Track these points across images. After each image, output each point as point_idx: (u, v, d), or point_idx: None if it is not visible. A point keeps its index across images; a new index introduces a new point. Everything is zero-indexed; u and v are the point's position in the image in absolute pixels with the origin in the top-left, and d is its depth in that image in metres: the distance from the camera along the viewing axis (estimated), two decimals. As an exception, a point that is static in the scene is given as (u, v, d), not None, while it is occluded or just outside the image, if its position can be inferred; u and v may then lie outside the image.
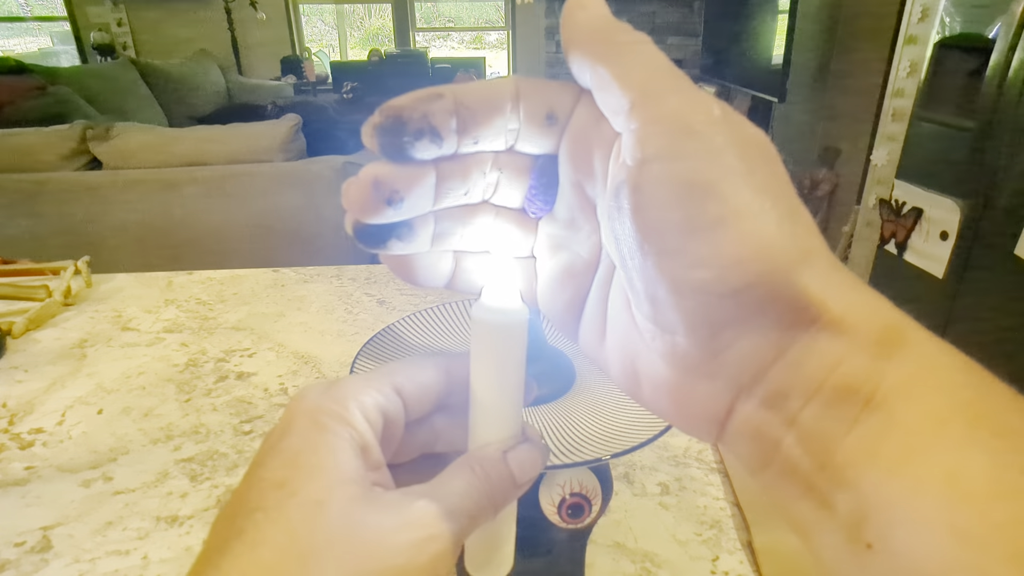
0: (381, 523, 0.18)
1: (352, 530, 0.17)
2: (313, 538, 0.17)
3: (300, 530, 0.17)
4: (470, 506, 0.20)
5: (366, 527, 0.17)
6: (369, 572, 0.17)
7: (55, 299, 0.82)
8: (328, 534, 0.17)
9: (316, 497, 0.17)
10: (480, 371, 0.22)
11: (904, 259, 1.79)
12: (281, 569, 0.16)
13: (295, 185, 2.15)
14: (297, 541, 0.17)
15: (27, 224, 2.11)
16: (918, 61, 1.72)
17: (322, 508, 0.17)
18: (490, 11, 5.46)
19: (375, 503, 0.18)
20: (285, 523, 0.17)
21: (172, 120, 3.93)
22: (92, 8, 4.63)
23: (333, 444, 0.18)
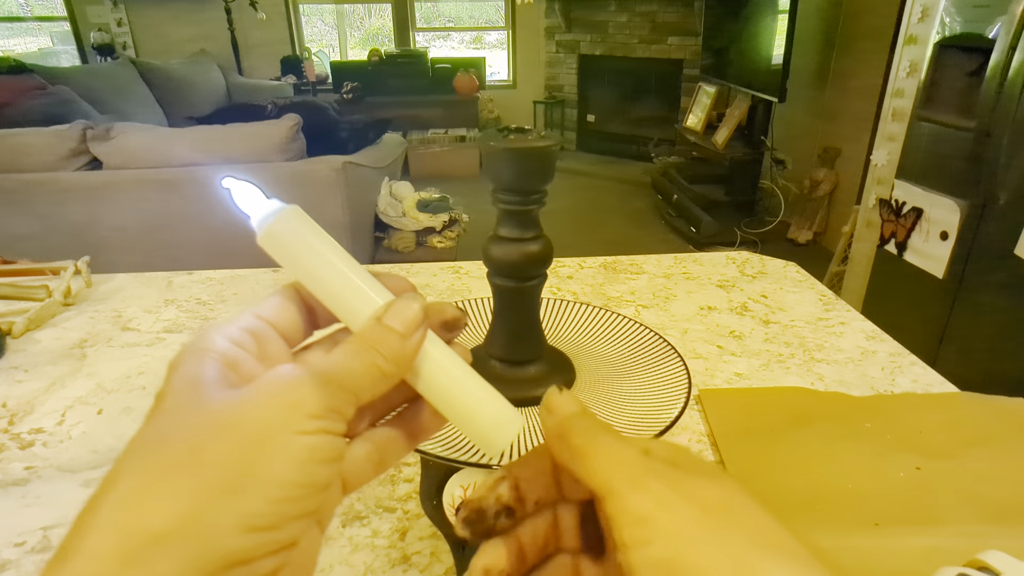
0: (230, 393, 0.18)
1: (199, 407, 0.17)
2: (158, 426, 0.17)
3: (149, 432, 0.17)
4: (340, 360, 0.20)
5: (213, 400, 0.18)
6: (216, 432, 0.17)
7: (55, 299, 0.82)
8: (174, 418, 0.17)
9: (170, 404, 0.18)
10: (307, 277, 0.22)
11: (904, 259, 1.79)
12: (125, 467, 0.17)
13: (295, 185, 2.15)
14: (145, 441, 0.17)
15: (27, 224, 2.11)
16: (918, 61, 1.72)
17: (172, 406, 0.18)
18: (490, 11, 5.46)
19: (231, 386, 0.18)
20: (139, 437, 0.17)
21: (172, 120, 3.93)
22: (92, 8, 4.63)
23: (192, 366, 0.19)
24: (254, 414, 0.17)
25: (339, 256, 0.22)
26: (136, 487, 0.16)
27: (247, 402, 0.18)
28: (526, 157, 0.36)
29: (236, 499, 0.16)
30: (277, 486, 0.17)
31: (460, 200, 3.16)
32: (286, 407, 0.18)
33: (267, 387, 0.18)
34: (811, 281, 0.90)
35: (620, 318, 0.50)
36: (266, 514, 0.16)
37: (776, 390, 0.62)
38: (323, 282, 0.22)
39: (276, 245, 0.22)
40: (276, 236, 0.22)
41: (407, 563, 0.43)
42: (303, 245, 0.22)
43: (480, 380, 0.23)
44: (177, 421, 0.17)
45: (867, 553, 0.42)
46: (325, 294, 0.22)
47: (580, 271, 0.93)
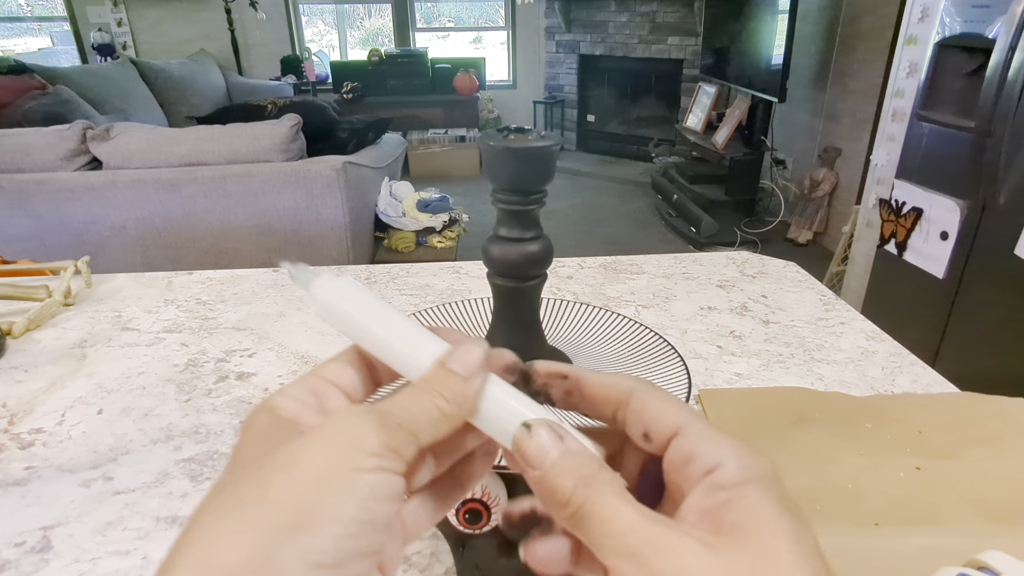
0: (295, 437, 0.19)
1: (269, 452, 0.18)
2: (234, 473, 0.19)
3: (226, 479, 0.18)
4: (400, 400, 0.20)
5: (280, 444, 0.19)
6: (282, 471, 0.18)
7: (55, 299, 0.82)
8: (246, 464, 0.18)
9: (244, 454, 0.19)
10: (362, 337, 0.22)
11: (904, 259, 1.79)
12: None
13: (295, 185, 2.15)
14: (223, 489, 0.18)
15: (27, 224, 2.11)
16: (918, 61, 1.72)
17: (246, 455, 0.19)
18: (490, 11, 5.46)
19: (298, 435, 0.19)
20: (218, 484, 0.18)
21: (172, 120, 3.93)
22: (92, 8, 4.63)
23: (262, 420, 0.20)
24: (316, 452, 0.18)
25: (391, 314, 0.23)
26: (211, 525, 0.17)
27: (310, 442, 0.18)
28: (526, 157, 0.36)
29: (301, 535, 0.17)
30: (339, 522, 0.17)
31: (460, 200, 3.16)
32: (347, 445, 0.18)
33: (329, 427, 0.19)
34: (811, 281, 0.90)
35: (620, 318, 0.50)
36: (329, 550, 0.17)
37: (776, 390, 0.62)
38: (378, 340, 0.22)
39: (328, 313, 0.23)
40: (326, 305, 0.23)
41: (407, 563, 0.43)
42: (353, 309, 0.22)
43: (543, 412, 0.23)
44: (249, 466, 0.18)
45: (867, 553, 0.42)
46: (383, 352, 0.22)
47: (580, 271, 0.93)
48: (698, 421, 0.20)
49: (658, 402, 0.21)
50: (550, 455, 0.20)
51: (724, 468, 0.19)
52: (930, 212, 1.68)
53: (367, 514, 0.18)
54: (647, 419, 0.21)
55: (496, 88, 5.22)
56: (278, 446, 0.18)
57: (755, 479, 0.18)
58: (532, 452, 0.20)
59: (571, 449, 0.20)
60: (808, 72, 3.32)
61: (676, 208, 3.51)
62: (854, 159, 2.97)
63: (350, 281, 0.23)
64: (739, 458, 0.19)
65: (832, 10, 3.13)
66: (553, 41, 4.95)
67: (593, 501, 0.19)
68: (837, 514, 0.45)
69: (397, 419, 0.19)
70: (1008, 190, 1.48)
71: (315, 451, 0.18)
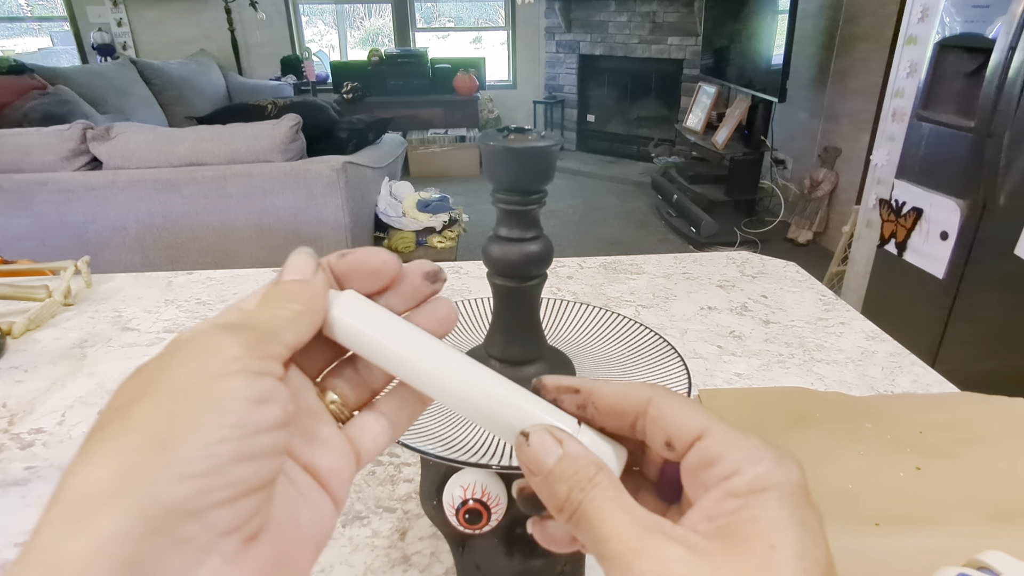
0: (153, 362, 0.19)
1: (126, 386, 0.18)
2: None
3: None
4: (248, 310, 0.20)
5: (140, 374, 0.18)
6: (140, 395, 0.17)
7: (55, 299, 0.82)
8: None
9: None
10: (381, 356, 0.22)
11: (904, 259, 1.79)
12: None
13: (295, 185, 2.15)
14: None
15: (27, 224, 2.11)
16: (918, 61, 1.72)
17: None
18: (490, 11, 5.46)
19: None
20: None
21: (172, 120, 3.93)
22: (92, 8, 4.63)
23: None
24: (174, 372, 0.18)
25: (402, 328, 0.23)
26: (78, 464, 0.17)
27: (167, 366, 0.18)
28: (526, 157, 0.36)
29: (167, 449, 0.16)
30: (204, 429, 0.17)
31: (460, 200, 3.16)
32: (203, 356, 0.18)
33: (185, 347, 0.18)
34: (811, 281, 0.90)
35: (620, 318, 0.50)
36: (199, 459, 0.16)
37: (776, 390, 0.62)
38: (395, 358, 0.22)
39: (337, 333, 0.22)
40: (341, 325, 0.22)
41: (407, 563, 0.43)
42: (378, 322, 0.23)
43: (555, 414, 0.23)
44: (114, 406, 0.18)
45: (867, 553, 0.42)
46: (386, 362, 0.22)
47: (580, 271, 0.93)
48: (720, 424, 0.20)
49: (677, 409, 0.21)
50: (547, 462, 0.20)
51: (741, 475, 0.19)
52: (930, 212, 1.68)
53: (234, 417, 0.17)
54: (668, 427, 0.21)
55: (496, 88, 5.22)
56: (138, 375, 0.18)
57: (772, 488, 0.18)
58: (530, 460, 0.20)
59: (570, 453, 0.20)
60: (808, 72, 3.32)
61: (676, 208, 3.51)
62: (854, 159, 2.97)
63: (351, 298, 0.23)
64: (759, 465, 0.19)
65: (832, 10, 3.13)
66: (553, 41, 4.95)
67: (586, 505, 0.19)
68: (837, 514, 0.45)
69: (251, 326, 0.19)
70: (1008, 190, 1.48)
71: (172, 371, 0.18)
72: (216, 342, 0.18)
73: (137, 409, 0.17)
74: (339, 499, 0.22)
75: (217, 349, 0.18)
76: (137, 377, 0.18)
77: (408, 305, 0.25)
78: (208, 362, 0.18)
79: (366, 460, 0.23)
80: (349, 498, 0.49)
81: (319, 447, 0.22)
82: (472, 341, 0.48)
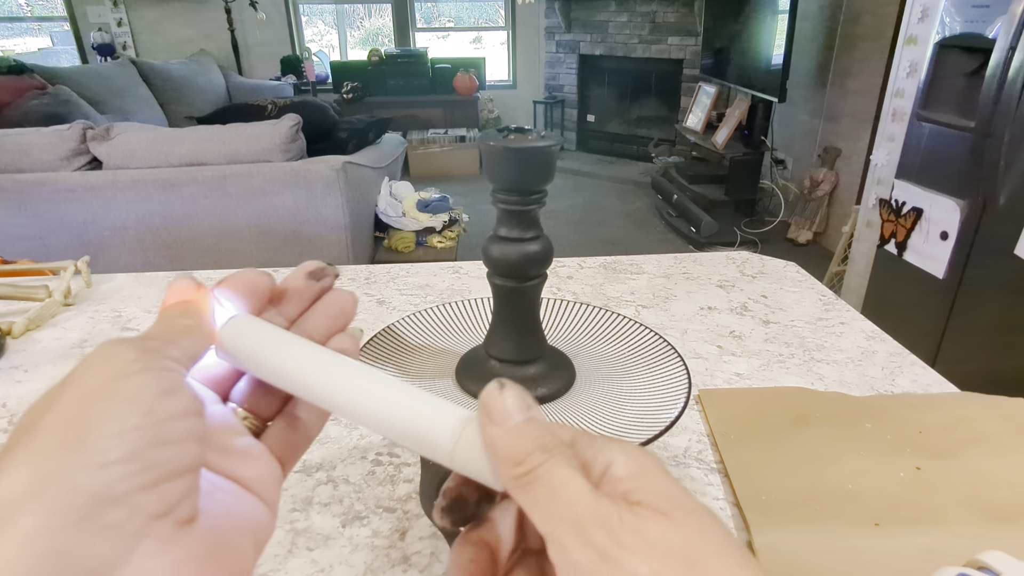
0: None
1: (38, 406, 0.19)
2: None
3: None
4: (149, 330, 0.22)
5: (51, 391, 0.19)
6: (48, 406, 0.18)
7: (55, 299, 0.82)
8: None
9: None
10: (284, 372, 0.23)
11: (904, 259, 1.79)
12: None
13: (295, 185, 2.15)
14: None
15: (27, 224, 2.11)
16: (918, 61, 1.72)
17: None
18: (490, 11, 5.46)
19: None
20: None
21: (172, 120, 3.93)
22: (92, 8, 4.63)
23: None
24: (78, 379, 0.18)
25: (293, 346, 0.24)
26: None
27: (71, 376, 0.19)
28: (526, 157, 0.36)
29: (80, 443, 0.17)
30: (116, 420, 0.17)
31: (460, 200, 3.16)
32: (104, 362, 0.19)
33: (84, 361, 0.19)
34: (811, 281, 0.90)
35: (620, 318, 0.50)
36: (113, 446, 0.17)
37: (776, 390, 0.62)
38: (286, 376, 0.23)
39: (227, 353, 0.24)
40: (223, 342, 0.24)
41: (407, 563, 0.43)
42: (262, 338, 0.24)
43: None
44: (21, 423, 0.19)
45: (867, 553, 0.42)
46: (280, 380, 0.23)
47: (580, 271, 0.93)
48: (585, 433, 0.20)
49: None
50: (514, 417, 0.20)
51: (616, 464, 0.18)
52: (930, 212, 1.68)
53: (144, 406, 0.18)
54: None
55: (496, 88, 5.22)
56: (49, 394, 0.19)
57: (650, 468, 0.18)
58: (497, 408, 0.20)
59: (537, 419, 0.20)
60: (808, 72, 3.32)
61: (676, 208, 3.51)
62: (854, 159, 2.97)
63: (241, 322, 0.24)
64: (628, 454, 0.19)
65: (832, 10, 3.13)
66: (553, 41, 4.95)
67: (549, 466, 0.18)
68: (837, 514, 0.45)
69: (148, 337, 0.21)
70: (1008, 190, 1.48)
71: (76, 382, 0.18)
72: (116, 350, 0.19)
73: (46, 419, 0.17)
74: (271, 503, 0.22)
75: (118, 355, 0.19)
76: (43, 398, 0.19)
77: (302, 307, 0.26)
78: (111, 366, 0.18)
79: (290, 465, 0.24)
80: (349, 498, 0.49)
81: (238, 459, 0.22)
82: (472, 341, 0.48)
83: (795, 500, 0.47)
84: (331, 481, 0.51)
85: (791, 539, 0.43)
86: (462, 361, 0.45)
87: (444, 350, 0.47)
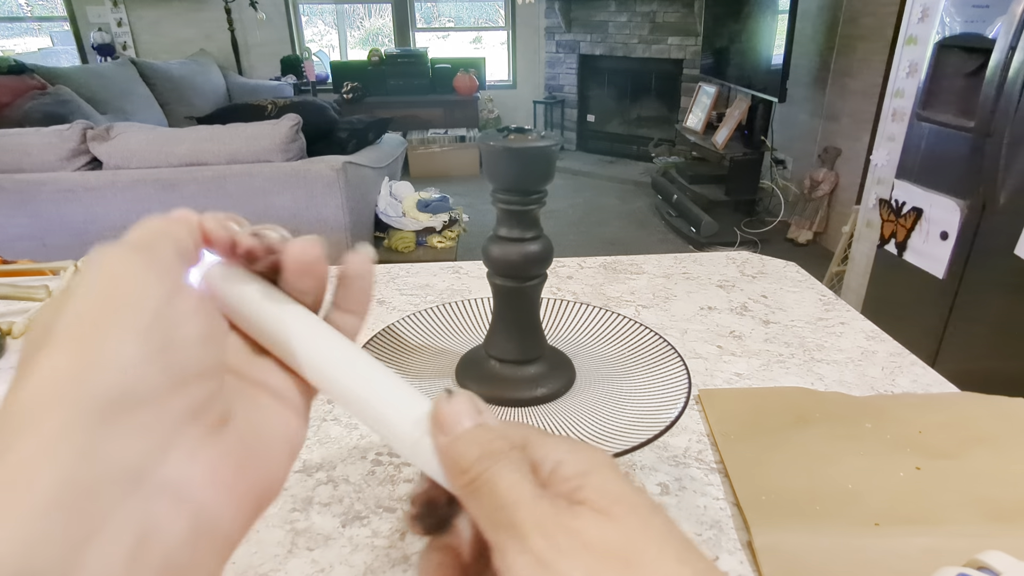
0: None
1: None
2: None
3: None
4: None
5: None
6: (62, 305, 0.17)
7: (55, 299, 0.82)
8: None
9: None
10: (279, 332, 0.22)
11: (904, 259, 1.79)
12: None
13: (295, 185, 2.15)
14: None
15: (27, 224, 2.11)
16: (918, 61, 1.72)
17: None
18: (490, 11, 5.46)
19: None
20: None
21: (172, 120, 3.93)
22: (92, 8, 4.63)
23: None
24: (81, 290, 0.18)
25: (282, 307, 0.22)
26: (8, 392, 0.17)
27: (69, 290, 0.18)
28: (526, 157, 0.36)
29: (97, 346, 0.16)
30: (130, 323, 0.17)
31: (460, 200, 3.16)
32: (102, 269, 0.18)
33: (83, 272, 0.18)
34: (811, 281, 0.90)
35: (620, 318, 0.50)
36: (131, 347, 0.17)
37: (776, 390, 0.62)
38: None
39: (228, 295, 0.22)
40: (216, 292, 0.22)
41: (407, 563, 0.43)
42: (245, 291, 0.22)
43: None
44: (31, 337, 0.18)
45: (867, 553, 0.42)
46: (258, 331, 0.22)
47: (580, 271, 0.93)
48: (538, 432, 0.20)
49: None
50: (463, 423, 0.20)
51: (564, 463, 0.19)
52: (930, 212, 1.68)
53: (150, 310, 0.17)
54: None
55: (496, 88, 5.22)
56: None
57: (598, 466, 0.18)
58: (446, 417, 0.20)
59: (486, 424, 0.20)
60: (808, 72, 3.33)
61: (676, 208, 3.51)
62: (854, 159, 2.97)
63: (219, 271, 0.22)
64: (577, 453, 0.19)
65: (832, 10, 3.13)
66: (553, 41, 4.95)
67: (493, 472, 0.18)
68: (837, 514, 0.45)
69: (139, 240, 0.20)
70: (1008, 190, 1.48)
71: (79, 289, 0.18)
72: (111, 256, 0.18)
73: (57, 327, 0.17)
74: (300, 412, 0.22)
75: (115, 261, 0.18)
76: (47, 310, 0.18)
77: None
78: (110, 272, 0.18)
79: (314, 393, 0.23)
80: (349, 498, 0.49)
81: (262, 369, 0.22)
82: (472, 341, 0.48)
83: (795, 500, 0.47)
84: (331, 481, 0.51)
85: (791, 539, 0.43)
86: (462, 361, 0.45)
87: (444, 350, 0.47)
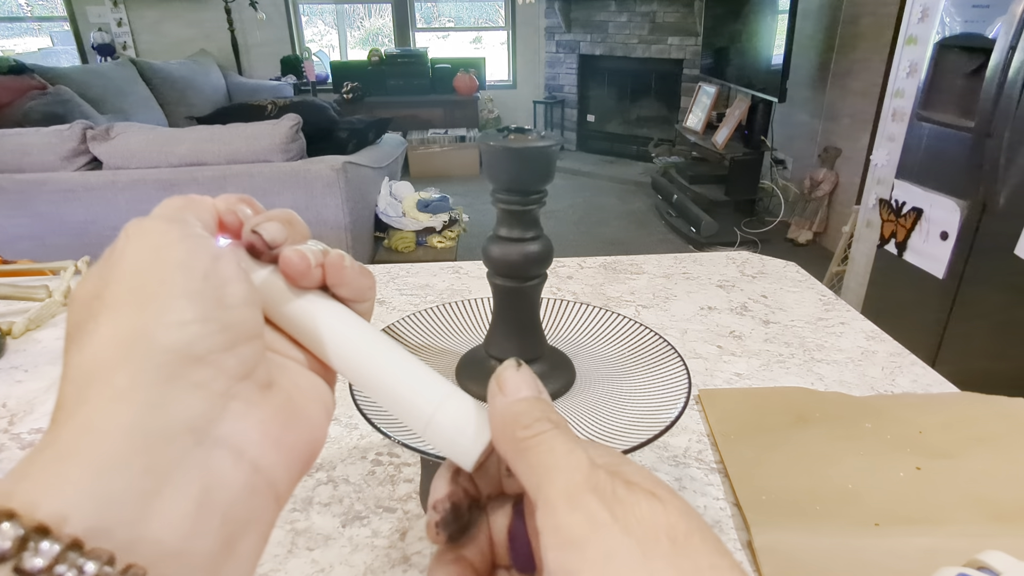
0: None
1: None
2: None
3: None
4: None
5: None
6: (110, 272, 0.18)
7: (55, 299, 0.82)
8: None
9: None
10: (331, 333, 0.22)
11: (904, 259, 1.79)
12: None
13: (295, 185, 2.15)
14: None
15: (27, 224, 2.11)
16: (918, 61, 1.72)
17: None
18: (490, 11, 5.46)
19: None
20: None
21: (172, 120, 3.93)
22: (92, 8, 4.63)
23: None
24: (125, 257, 0.19)
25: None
26: (69, 350, 0.17)
27: (113, 256, 0.19)
28: (526, 157, 0.36)
29: (154, 306, 0.17)
30: (181, 284, 0.18)
31: (460, 200, 3.16)
32: (143, 237, 0.19)
33: (124, 238, 0.19)
34: (811, 281, 0.90)
35: (620, 318, 0.50)
36: (185, 307, 0.17)
37: (776, 390, 0.62)
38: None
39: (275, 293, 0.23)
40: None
41: (407, 563, 0.43)
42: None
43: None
44: (81, 298, 0.19)
45: (867, 553, 0.42)
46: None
47: (580, 271, 0.93)
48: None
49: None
50: (523, 392, 0.20)
51: (598, 455, 0.19)
52: (930, 212, 1.68)
53: (198, 272, 0.18)
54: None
55: (496, 88, 5.22)
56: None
57: (626, 460, 0.19)
58: (511, 382, 0.21)
59: (546, 400, 0.21)
60: (808, 72, 3.32)
61: (676, 208, 3.51)
62: (854, 159, 2.97)
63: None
64: (607, 449, 0.20)
65: (832, 10, 3.13)
66: (553, 41, 4.95)
67: (553, 435, 0.19)
68: (837, 514, 0.45)
69: (166, 212, 0.21)
70: (1008, 190, 1.48)
71: (123, 256, 0.19)
72: (148, 225, 0.20)
73: (110, 291, 0.18)
74: (328, 379, 0.23)
75: (153, 229, 0.19)
76: (90, 279, 0.19)
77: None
78: (151, 239, 0.19)
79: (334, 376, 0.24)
80: (349, 498, 0.49)
81: (288, 342, 0.23)
82: (472, 341, 0.48)
83: (795, 500, 0.47)
84: (331, 481, 0.51)
85: (791, 539, 0.43)
86: (462, 361, 0.45)
87: (444, 350, 0.47)
